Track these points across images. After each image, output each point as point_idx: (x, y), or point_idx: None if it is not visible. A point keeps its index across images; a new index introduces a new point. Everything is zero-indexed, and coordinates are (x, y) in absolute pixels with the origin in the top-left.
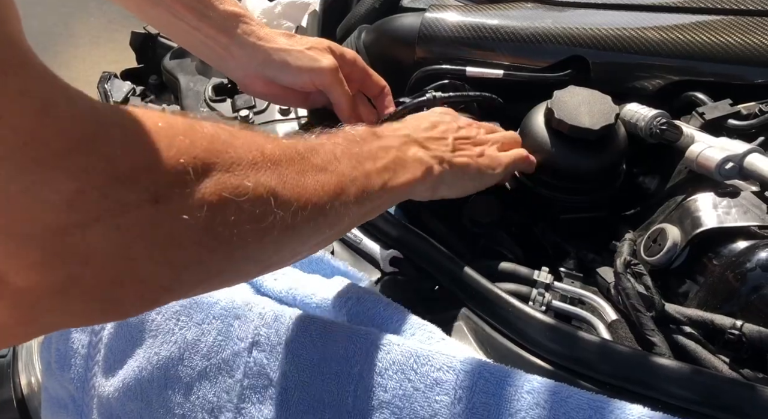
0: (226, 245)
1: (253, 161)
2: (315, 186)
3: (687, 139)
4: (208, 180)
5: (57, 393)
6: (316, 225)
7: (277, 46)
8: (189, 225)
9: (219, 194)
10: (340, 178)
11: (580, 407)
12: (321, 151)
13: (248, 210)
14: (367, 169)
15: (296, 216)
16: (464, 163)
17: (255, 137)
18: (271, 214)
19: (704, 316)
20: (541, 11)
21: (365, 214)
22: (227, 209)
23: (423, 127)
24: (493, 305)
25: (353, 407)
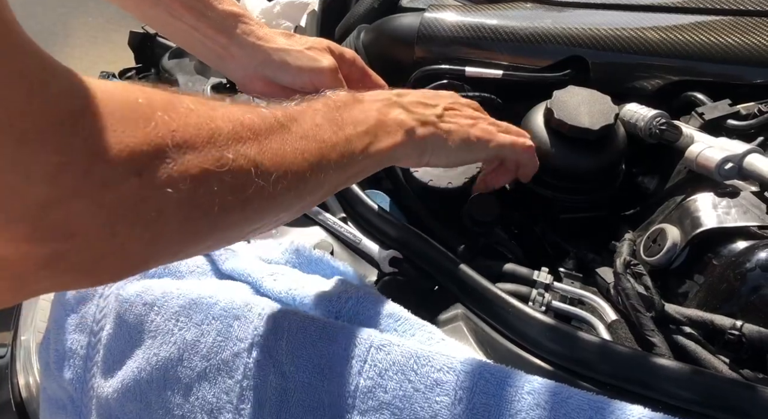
0: (209, 216)
1: (233, 133)
2: (295, 154)
3: (686, 139)
4: (189, 154)
5: (55, 394)
6: (297, 192)
7: (276, 46)
8: (172, 199)
9: (200, 167)
10: (320, 145)
11: (581, 407)
12: (301, 118)
13: (229, 181)
14: (348, 134)
15: (277, 185)
16: (451, 129)
17: (235, 108)
18: (252, 184)
19: (704, 316)
20: (540, 11)
21: (347, 179)
22: (209, 181)
23: (412, 93)
24: (493, 306)
25: (353, 408)
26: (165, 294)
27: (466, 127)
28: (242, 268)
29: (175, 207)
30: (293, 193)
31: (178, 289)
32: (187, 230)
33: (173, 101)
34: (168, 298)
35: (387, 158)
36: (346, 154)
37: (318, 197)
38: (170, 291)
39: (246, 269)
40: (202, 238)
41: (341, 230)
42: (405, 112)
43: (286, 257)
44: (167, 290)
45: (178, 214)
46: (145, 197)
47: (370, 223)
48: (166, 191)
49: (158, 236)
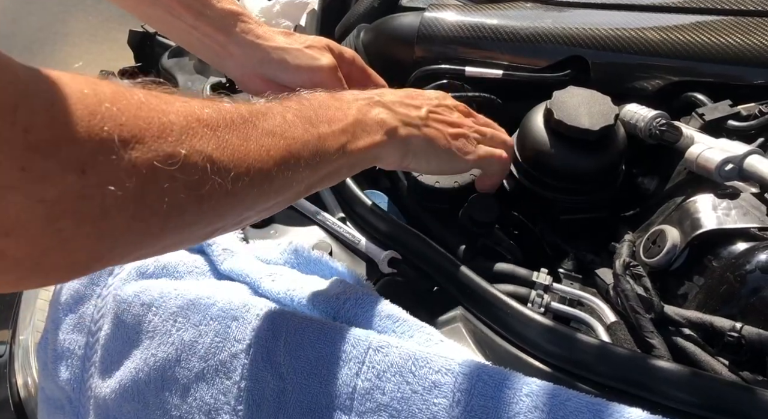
0: (159, 215)
1: (187, 127)
2: (259, 151)
3: (686, 140)
4: (138, 149)
5: (53, 394)
6: (261, 191)
7: (275, 44)
8: (118, 196)
9: (149, 163)
10: (289, 142)
11: (579, 410)
12: (270, 114)
13: (182, 179)
14: (322, 132)
15: (237, 182)
16: (434, 136)
17: (192, 102)
18: (208, 181)
19: (703, 318)
20: (540, 11)
21: (322, 179)
22: (159, 178)
23: (395, 93)
24: (492, 307)
25: (351, 409)
26: (163, 295)
27: (447, 136)
28: (240, 268)
29: (120, 205)
30: (257, 191)
31: (176, 290)
32: (137, 228)
33: (123, 93)
34: (166, 299)
35: (365, 157)
36: (318, 152)
37: (288, 196)
38: (168, 292)
39: (244, 270)
40: (156, 237)
41: (340, 230)
42: (387, 111)
43: (285, 257)
44: (165, 290)
45: (125, 212)
46: (87, 194)
47: (369, 223)
48: (111, 188)
49: (105, 234)
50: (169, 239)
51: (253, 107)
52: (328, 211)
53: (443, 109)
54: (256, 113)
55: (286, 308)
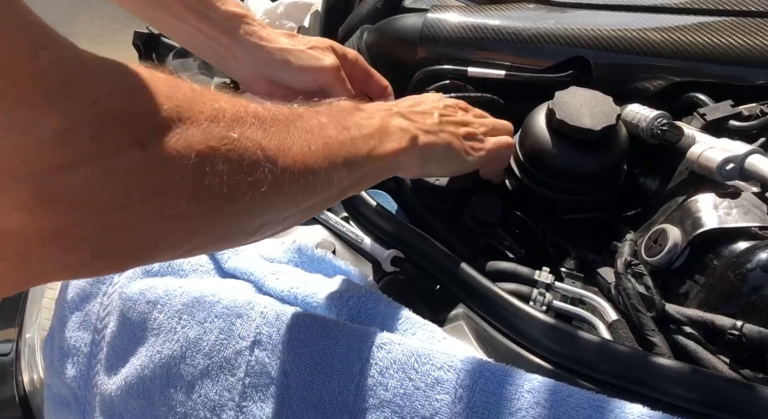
0: (217, 198)
1: (237, 115)
2: (302, 145)
3: (688, 140)
4: (194, 129)
5: (59, 391)
6: (306, 184)
7: (278, 46)
8: (178, 174)
9: (205, 143)
10: (326, 140)
11: (580, 406)
12: (306, 115)
13: (236, 161)
14: (353, 134)
15: (285, 172)
16: (450, 140)
17: (238, 97)
18: (260, 167)
19: (704, 316)
20: (542, 12)
21: (355, 182)
22: (215, 158)
23: (407, 102)
24: (494, 305)
25: (354, 405)
26: (168, 292)
27: (460, 137)
28: (245, 267)
29: (181, 183)
30: (302, 184)
31: (181, 287)
32: (194, 211)
33: (176, 79)
34: (171, 296)
35: (391, 163)
36: (351, 153)
37: (328, 195)
38: (173, 290)
39: (248, 268)
40: (211, 223)
41: (343, 229)
42: (406, 120)
43: (289, 256)
44: (170, 288)
45: (186, 191)
46: (151, 168)
47: (372, 222)
48: (172, 164)
49: (165, 215)
50: (221, 228)
51: (290, 108)
52: (331, 210)
53: (449, 110)
54: (293, 113)
55: (290, 306)
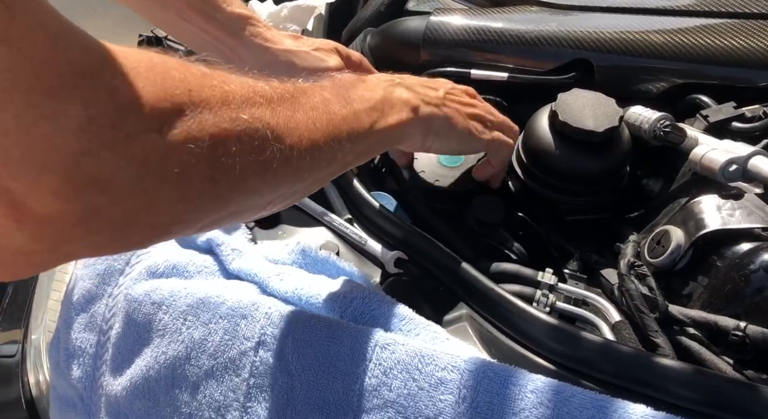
0: (231, 178)
1: (246, 96)
2: (307, 122)
3: (691, 141)
4: (206, 112)
5: (65, 392)
6: (312, 160)
7: (283, 47)
8: (194, 156)
9: (218, 126)
10: (330, 116)
11: (584, 406)
12: (310, 92)
13: (248, 142)
14: (356, 108)
15: (293, 150)
16: (453, 115)
17: (246, 76)
18: (270, 146)
19: (708, 317)
20: (545, 14)
21: (358, 155)
22: (228, 140)
23: (412, 77)
24: (497, 306)
25: (358, 406)
26: (173, 294)
27: (464, 115)
28: (249, 268)
29: (197, 165)
30: (309, 160)
31: (186, 288)
32: (211, 191)
33: (187, 64)
34: (176, 297)
35: (393, 135)
36: (355, 127)
37: (333, 169)
38: (178, 291)
39: (253, 270)
40: (226, 201)
41: (347, 231)
42: (408, 91)
43: (293, 257)
44: (175, 289)
45: (202, 173)
46: (169, 152)
47: (376, 224)
48: (188, 147)
49: (185, 196)
50: (235, 204)
51: (294, 85)
52: (334, 212)
53: (456, 90)
54: (298, 89)
55: (295, 307)
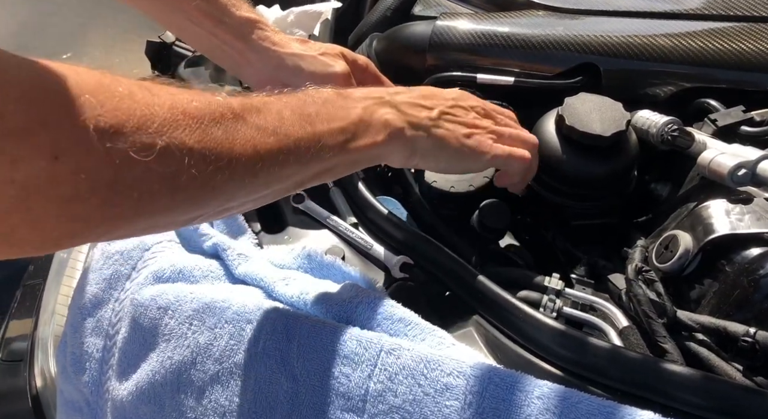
0: (132, 201)
1: (170, 119)
2: (245, 146)
3: (699, 145)
4: (115, 139)
5: (72, 397)
6: (243, 185)
7: (290, 51)
8: (90, 183)
9: (125, 154)
10: (280, 138)
11: (591, 412)
12: (264, 110)
13: (157, 170)
14: (319, 130)
15: (216, 175)
16: (443, 135)
17: (182, 95)
18: (185, 172)
19: (717, 323)
20: (552, 19)
21: (316, 175)
22: (134, 168)
23: (408, 93)
24: (504, 312)
25: (363, 411)
26: (179, 298)
27: (460, 136)
28: (255, 273)
29: (92, 191)
30: (238, 184)
31: (192, 293)
32: (110, 213)
33: (107, 85)
34: (182, 302)
35: (365, 156)
36: (312, 150)
37: (276, 189)
38: (184, 295)
39: (258, 274)
40: (130, 220)
41: (352, 235)
42: (395, 111)
43: (298, 262)
44: (181, 294)
45: (97, 197)
46: (58, 179)
47: (381, 229)
48: (80, 177)
49: (77, 216)
50: (144, 222)
51: (247, 100)
52: (340, 216)
53: (458, 110)
54: (249, 107)
55: (300, 312)
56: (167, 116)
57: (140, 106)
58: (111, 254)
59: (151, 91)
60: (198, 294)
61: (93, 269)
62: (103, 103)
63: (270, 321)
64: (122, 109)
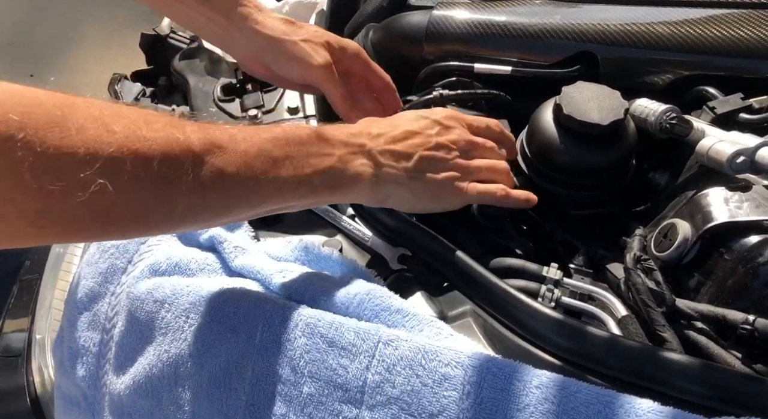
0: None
1: (115, 160)
2: (190, 191)
3: (697, 133)
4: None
5: (69, 391)
6: (181, 223)
7: (271, 34)
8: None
9: (57, 191)
10: (234, 184)
11: (589, 401)
12: (229, 150)
13: (90, 204)
14: (282, 176)
15: (153, 213)
16: (418, 188)
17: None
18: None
19: (716, 311)
20: (549, 7)
21: (267, 212)
22: (66, 202)
23: (390, 135)
24: (502, 302)
25: (361, 403)
26: (175, 292)
27: (435, 186)
28: (251, 265)
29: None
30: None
31: (188, 286)
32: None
33: (59, 119)
34: (178, 295)
35: (329, 200)
36: (269, 196)
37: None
38: (180, 289)
39: (255, 267)
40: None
41: (350, 227)
42: (371, 164)
43: (295, 254)
44: (178, 287)
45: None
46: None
47: (379, 220)
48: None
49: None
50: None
51: (214, 138)
52: (337, 208)
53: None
54: (212, 147)
55: (297, 304)
56: (114, 156)
57: (87, 143)
58: (107, 248)
59: (108, 127)
60: (194, 287)
61: (89, 262)
62: (45, 140)
63: (267, 313)
64: (65, 147)
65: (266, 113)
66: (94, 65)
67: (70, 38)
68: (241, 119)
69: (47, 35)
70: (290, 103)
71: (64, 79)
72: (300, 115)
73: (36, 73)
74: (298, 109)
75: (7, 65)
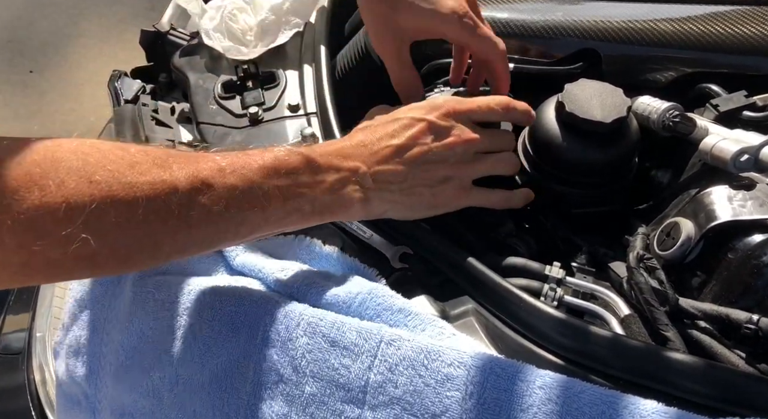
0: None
1: (98, 211)
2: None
3: (701, 131)
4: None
5: (70, 390)
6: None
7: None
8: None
9: (38, 248)
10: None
11: (593, 402)
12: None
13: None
14: (271, 207)
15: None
16: (415, 201)
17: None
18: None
19: (719, 310)
20: (551, 4)
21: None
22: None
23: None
24: (504, 301)
25: (364, 403)
26: (176, 290)
27: (432, 195)
28: (253, 264)
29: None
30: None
31: (189, 285)
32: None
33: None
34: (179, 294)
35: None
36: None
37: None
38: (181, 287)
39: (256, 265)
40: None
41: (351, 225)
42: (362, 188)
43: (297, 253)
44: (178, 286)
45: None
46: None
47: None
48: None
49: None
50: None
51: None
52: None
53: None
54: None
55: (298, 303)
56: (97, 206)
57: (68, 199)
58: None
59: (90, 178)
60: (195, 286)
61: None
62: (24, 201)
63: (268, 312)
64: (44, 206)
65: (267, 111)
66: (94, 62)
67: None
68: (241, 116)
69: (47, 32)
70: (291, 101)
71: (63, 75)
72: (301, 112)
73: (35, 69)
74: (298, 106)
75: (6, 61)
